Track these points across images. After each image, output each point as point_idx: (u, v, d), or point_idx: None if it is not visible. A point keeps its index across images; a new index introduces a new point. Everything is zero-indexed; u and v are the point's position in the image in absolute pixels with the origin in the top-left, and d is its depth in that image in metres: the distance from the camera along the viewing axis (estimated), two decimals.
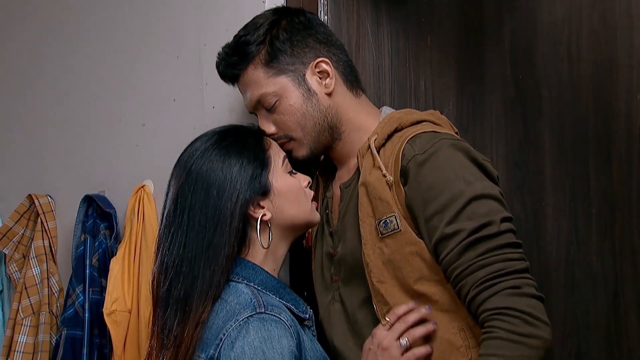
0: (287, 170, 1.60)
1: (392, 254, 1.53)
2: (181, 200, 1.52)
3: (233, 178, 1.51)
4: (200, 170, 1.52)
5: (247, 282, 1.51)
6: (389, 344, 1.51)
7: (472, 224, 1.44)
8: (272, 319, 1.42)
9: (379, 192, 1.54)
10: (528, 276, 1.45)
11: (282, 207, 1.56)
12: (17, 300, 2.38)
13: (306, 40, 1.65)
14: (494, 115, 1.97)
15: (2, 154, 2.68)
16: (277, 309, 1.45)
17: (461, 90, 2.00)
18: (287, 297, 1.55)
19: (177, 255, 1.50)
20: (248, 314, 1.42)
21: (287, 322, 1.44)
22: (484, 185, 1.49)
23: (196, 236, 1.49)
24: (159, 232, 1.58)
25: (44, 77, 2.56)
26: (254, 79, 1.63)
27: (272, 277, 1.55)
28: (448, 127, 1.67)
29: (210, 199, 1.50)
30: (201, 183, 1.52)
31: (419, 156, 1.51)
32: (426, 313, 1.51)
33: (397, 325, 1.52)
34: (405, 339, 1.51)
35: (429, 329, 1.51)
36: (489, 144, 1.97)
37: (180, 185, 1.54)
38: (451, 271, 1.46)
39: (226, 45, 1.69)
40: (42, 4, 2.57)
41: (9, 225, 2.44)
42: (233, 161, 1.53)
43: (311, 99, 1.63)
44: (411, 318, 1.52)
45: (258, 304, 1.44)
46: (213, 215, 1.49)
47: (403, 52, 2.03)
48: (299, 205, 1.58)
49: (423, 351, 1.50)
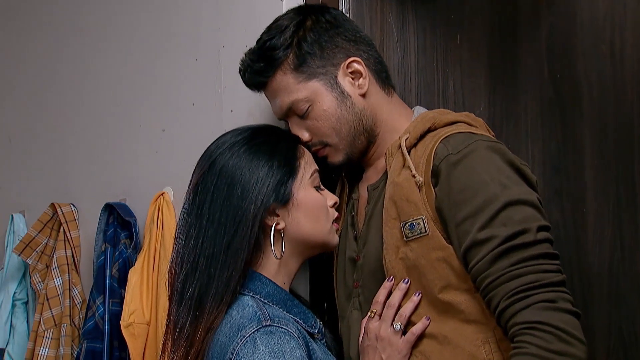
0: (313, 184, 1.55)
1: (417, 259, 1.47)
2: (202, 189, 1.50)
3: (260, 180, 1.48)
4: (225, 164, 1.50)
5: (252, 295, 1.47)
6: (386, 333, 1.48)
7: (507, 230, 1.37)
8: (280, 332, 1.38)
9: (407, 193, 1.48)
10: (564, 290, 1.37)
11: (299, 220, 1.52)
12: (39, 311, 2.38)
13: (335, 40, 1.59)
14: (529, 117, 1.89)
15: (28, 163, 2.70)
16: (284, 321, 1.41)
17: (493, 90, 1.93)
18: (294, 310, 1.50)
19: (194, 249, 1.48)
20: (254, 329, 1.38)
21: (296, 333, 1.40)
22: (521, 190, 1.42)
23: (215, 233, 1.46)
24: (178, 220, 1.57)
25: (65, 85, 2.57)
26: (283, 85, 1.58)
27: (280, 289, 1.51)
28: (484, 129, 1.61)
29: (233, 197, 1.47)
30: (225, 177, 1.49)
31: (452, 156, 1.45)
32: (405, 287, 1.48)
33: (386, 312, 1.50)
34: (398, 323, 1.48)
35: (415, 302, 1.48)
36: (524, 147, 1.89)
37: (202, 174, 1.51)
38: (481, 280, 1.39)
39: (250, 51, 1.62)
40: (60, 12, 2.59)
41: (32, 235, 2.44)
42: (262, 162, 1.50)
43: (345, 102, 1.58)
44: (395, 300, 1.49)
45: (263, 317, 1.40)
46: (235, 216, 1.46)
47: (430, 51, 1.96)
48: (316, 222, 1.53)
49: (421, 327, 1.47)
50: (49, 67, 2.62)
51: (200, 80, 2.05)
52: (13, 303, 2.57)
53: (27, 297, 2.60)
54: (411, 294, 1.49)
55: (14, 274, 2.57)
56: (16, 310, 2.57)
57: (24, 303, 2.59)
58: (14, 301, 2.57)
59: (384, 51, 1.92)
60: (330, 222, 1.56)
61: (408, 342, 1.48)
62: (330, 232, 1.56)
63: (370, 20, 1.91)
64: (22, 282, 2.58)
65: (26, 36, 2.73)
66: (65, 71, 2.55)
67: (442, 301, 1.46)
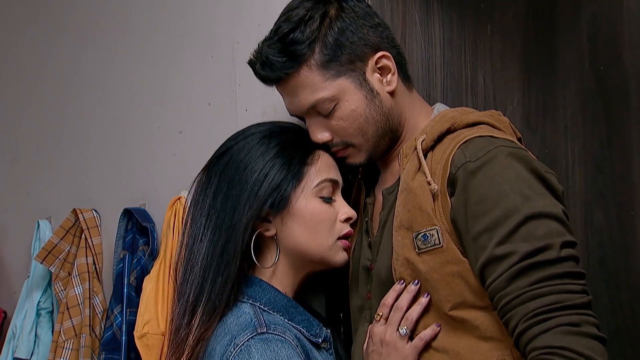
0: (319, 194, 1.49)
1: (429, 272, 1.39)
2: (207, 182, 1.50)
3: (258, 182, 1.45)
4: (233, 158, 1.49)
5: (252, 302, 1.43)
6: (391, 338, 1.41)
7: (527, 246, 1.28)
8: (276, 339, 1.33)
9: (420, 201, 1.40)
10: (589, 312, 1.27)
11: (293, 230, 1.47)
12: (60, 321, 2.36)
13: (362, 31, 1.49)
14: (568, 112, 1.81)
15: (54, 169, 2.71)
16: (281, 328, 1.37)
17: (528, 84, 1.84)
18: (297, 318, 1.45)
19: (193, 250, 1.46)
20: (248, 336, 1.34)
21: (293, 341, 1.35)
22: (545, 202, 1.33)
23: (212, 235, 1.45)
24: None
25: (85, 90, 2.58)
26: (307, 82, 1.48)
27: (282, 296, 1.46)
28: (510, 131, 1.51)
29: (231, 197, 1.45)
30: (229, 172, 1.48)
31: (470, 164, 1.36)
32: (415, 289, 1.41)
33: (392, 316, 1.43)
34: (404, 327, 1.41)
35: (423, 304, 1.41)
36: (562, 144, 1.80)
37: (211, 164, 1.52)
38: (498, 299, 1.31)
39: (268, 43, 1.50)
40: (78, 19, 2.62)
41: (54, 242, 2.43)
42: (265, 163, 1.47)
43: (374, 100, 1.49)
44: (404, 302, 1.42)
45: (259, 324, 1.36)
46: (231, 218, 1.44)
47: (457, 43, 1.88)
48: (313, 236, 1.47)
49: (430, 332, 1.40)
50: (69, 74, 2.63)
51: (216, 79, 2.01)
52: (38, 312, 2.57)
53: (52, 306, 2.59)
54: (420, 296, 1.42)
55: (38, 282, 2.57)
56: (41, 319, 2.56)
57: (49, 312, 2.58)
58: (38, 310, 2.56)
59: (406, 44, 1.83)
60: (333, 238, 1.49)
61: (415, 348, 1.41)
62: (332, 249, 1.49)
63: (392, 10, 1.83)
64: (46, 290, 2.57)
65: (47, 44, 2.76)
66: (84, 77, 2.56)
67: (454, 318, 1.38)
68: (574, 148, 1.79)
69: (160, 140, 2.21)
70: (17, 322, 2.60)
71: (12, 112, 2.97)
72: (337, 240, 1.50)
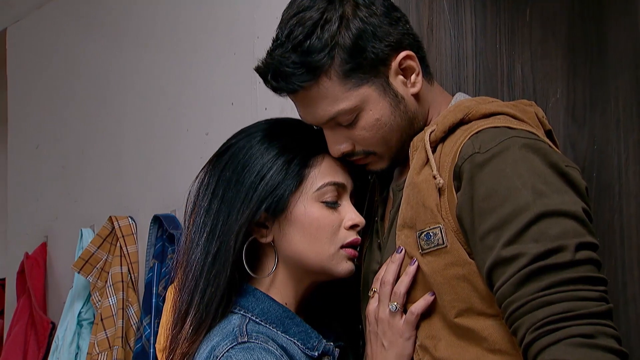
0: (321, 198, 1.40)
1: (432, 275, 1.30)
2: (208, 181, 1.44)
3: (254, 184, 1.38)
4: (233, 155, 1.43)
5: (243, 313, 1.36)
6: (384, 315, 1.33)
7: (538, 247, 1.17)
8: (259, 347, 1.27)
9: (424, 197, 1.31)
10: (607, 323, 1.15)
11: (291, 237, 1.39)
12: (94, 333, 2.36)
13: (381, 30, 1.36)
14: (620, 104, 1.68)
15: (95, 176, 2.74)
16: (264, 337, 1.30)
17: (573, 74, 1.72)
18: (293, 329, 1.37)
19: (188, 253, 1.41)
20: (228, 346, 1.27)
21: (277, 350, 1.29)
22: (562, 199, 1.21)
23: (206, 242, 1.38)
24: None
25: (118, 94, 2.61)
26: (327, 94, 1.36)
27: (278, 306, 1.39)
28: (535, 123, 1.38)
29: (227, 200, 1.39)
30: (228, 171, 1.41)
31: (478, 155, 1.25)
32: (400, 257, 1.33)
33: (381, 291, 1.34)
34: (393, 303, 1.32)
35: (410, 273, 1.31)
36: (614, 139, 1.68)
37: (212, 162, 1.46)
38: (506, 306, 1.20)
39: (279, 50, 1.37)
40: (107, 24, 2.65)
41: (91, 251, 2.43)
42: (263, 163, 1.39)
43: (399, 106, 1.39)
44: (389, 275, 1.33)
45: (240, 333, 1.29)
46: (225, 221, 1.37)
47: (492, 31, 1.76)
48: (312, 243, 1.38)
49: (423, 303, 1.31)
50: (102, 79, 2.69)
51: (237, 77, 1.98)
52: (80, 323, 2.57)
53: (94, 317, 2.59)
54: (406, 265, 1.32)
55: (80, 292, 2.58)
56: (82, 331, 2.56)
57: (91, 323, 2.57)
58: (80, 321, 2.57)
59: (434, 34, 1.74)
60: (335, 246, 1.40)
61: (408, 324, 1.32)
62: (334, 258, 1.40)
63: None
64: (88, 301, 2.57)
65: (83, 50, 2.81)
66: (117, 83, 2.61)
67: (460, 327, 1.28)
68: (627, 144, 1.66)
69: (188, 143, 2.19)
70: (60, 333, 2.62)
71: (60, 120, 3.03)
72: (341, 249, 1.41)
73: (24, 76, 3.33)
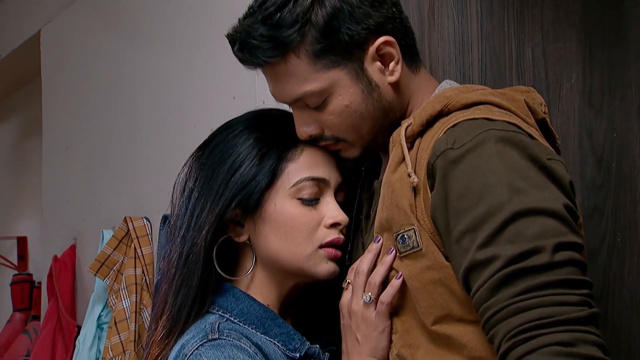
0: (298, 195, 1.34)
1: (408, 280, 1.23)
2: (191, 170, 1.41)
3: (225, 180, 1.33)
4: (213, 149, 1.40)
5: (222, 313, 1.31)
6: (358, 307, 1.27)
7: (513, 249, 1.09)
8: (230, 344, 1.21)
9: (397, 197, 1.23)
10: (589, 329, 1.06)
11: (266, 236, 1.33)
12: (109, 336, 2.34)
13: (360, 11, 1.29)
14: None
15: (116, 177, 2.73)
16: (236, 334, 1.25)
17: (590, 57, 1.62)
18: (275, 330, 1.32)
19: (168, 252, 1.37)
20: (198, 344, 1.22)
21: (250, 348, 1.23)
22: (542, 195, 1.13)
23: (182, 240, 1.34)
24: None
25: (131, 91, 2.62)
26: (294, 72, 1.31)
27: (259, 305, 1.33)
28: (524, 112, 1.28)
29: (202, 195, 1.35)
30: (207, 165, 1.38)
31: (451, 152, 1.17)
32: (377, 247, 1.26)
33: (355, 282, 1.28)
34: (367, 294, 1.26)
35: (387, 262, 1.24)
36: (635, 127, 1.59)
37: (195, 156, 1.43)
38: (482, 313, 1.12)
39: (248, 20, 1.31)
40: (123, 24, 2.64)
41: (107, 253, 2.42)
42: (238, 157, 1.35)
43: (372, 94, 1.32)
44: (365, 265, 1.27)
45: (211, 330, 1.24)
46: (197, 220, 1.33)
47: (498, 13, 1.68)
48: (287, 242, 1.33)
49: (392, 291, 1.24)
50: (117, 77, 2.70)
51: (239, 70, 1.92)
52: (100, 326, 2.56)
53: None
54: (384, 254, 1.26)
55: (100, 295, 2.57)
56: (103, 334, 2.55)
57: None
58: (100, 324, 2.56)
59: (435, 18, 1.66)
60: (312, 246, 1.33)
61: (381, 315, 1.25)
62: (312, 259, 1.33)
63: None
64: (107, 304, 2.56)
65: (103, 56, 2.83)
66: (130, 81, 2.61)
67: (439, 334, 1.20)
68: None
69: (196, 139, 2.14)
70: (81, 336, 2.62)
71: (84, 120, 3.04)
72: (320, 249, 1.34)
73: (56, 78, 3.36)
